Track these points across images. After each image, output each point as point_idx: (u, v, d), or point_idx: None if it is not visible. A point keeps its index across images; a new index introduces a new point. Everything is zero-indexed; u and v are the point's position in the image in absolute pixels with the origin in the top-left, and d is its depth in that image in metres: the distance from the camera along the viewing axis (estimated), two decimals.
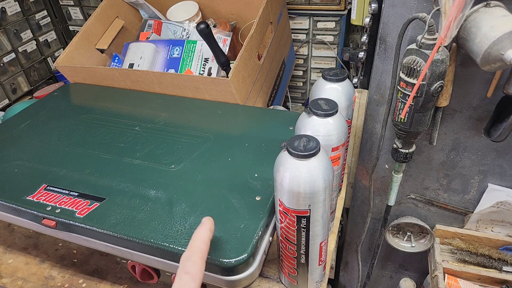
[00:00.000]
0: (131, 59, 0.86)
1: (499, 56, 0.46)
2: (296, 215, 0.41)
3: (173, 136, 0.63)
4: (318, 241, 0.44)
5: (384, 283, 1.08)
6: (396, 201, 0.79)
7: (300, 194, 0.39)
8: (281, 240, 0.46)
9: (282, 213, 0.43)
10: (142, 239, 0.46)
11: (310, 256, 0.46)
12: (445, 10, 0.46)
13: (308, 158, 0.38)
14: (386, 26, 0.65)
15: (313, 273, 0.48)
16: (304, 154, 0.37)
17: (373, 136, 0.80)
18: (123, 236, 0.47)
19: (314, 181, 0.38)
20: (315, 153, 0.38)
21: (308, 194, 0.38)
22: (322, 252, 0.46)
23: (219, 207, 0.49)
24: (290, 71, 1.06)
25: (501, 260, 0.80)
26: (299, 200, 0.40)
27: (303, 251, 0.45)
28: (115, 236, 0.47)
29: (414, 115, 0.57)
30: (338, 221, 0.70)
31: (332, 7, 0.97)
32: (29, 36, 1.13)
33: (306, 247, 0.44)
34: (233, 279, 0.44)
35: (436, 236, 0.86)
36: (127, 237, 0.46)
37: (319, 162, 0.38)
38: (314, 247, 0.45)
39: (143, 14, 1.00)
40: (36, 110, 0.75)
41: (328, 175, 0.39)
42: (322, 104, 0.46)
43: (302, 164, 0.38)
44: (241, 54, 0.68)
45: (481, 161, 0.74)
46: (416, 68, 0.52)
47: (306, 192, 0.38)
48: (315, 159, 0.38)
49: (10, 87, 1.09)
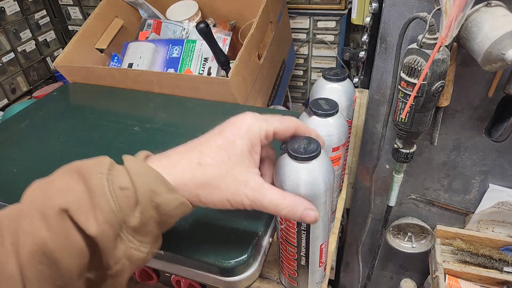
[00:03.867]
0: (131, 58, 0.86)
1: (500, 55, 0.46)
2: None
3: (173, 136, 0.63)
4: (319, 243, 0.44)
5: (384, 283, 1.07)
6: (396, 201, 0.79)
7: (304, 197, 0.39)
8: (281, 242, 0.46)
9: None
10: None
11: (310, 258, 0.45)
12: (446, 9, 0.46)
13: (309, 160, 0.37)
14: (387, 25, 0.64)
15: (313, 275, 0.48)
16: (305, 156, 0.37)
17: (374, 136, 0.80)
18: None
19: (315, 183, 0.38)
20: (315, 156, 0.37)
21: (308, 197, 0.38)
22: (322, 254, 0.46)
23: None
24: (290, 70, 1.06)
25: (502, 261, 0.80)
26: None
27: (303, 253, 0.45)
28: None
29: (415, 115, 0.57)
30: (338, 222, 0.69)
31: (332, 7, 0.97)
32: (28, 36, 1.13)
33: (307, 249, 0.44)
34: (233, 280, 0.44)
35: (437, 236, 0.86)
36: None
37: (320, 165, 0.38)
38: (315, 249, 0.44)
39: (143, 13, 1.00)
40: (35, 110, 0.74)
41: (329, 177, 0.39)
42: (323, 104, 0.46)
43: (303, 167, 0.37)
44: (241, 54, 0.68)
45: (482, 161, 0.73)
46: (417, 67, 0.52)
47: (306, 195, 0.38)
48: (315, 161, 0.38)
49: (9, 87, 1.09)
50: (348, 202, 0.97)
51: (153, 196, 0.32)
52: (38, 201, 0.31)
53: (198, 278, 0.47)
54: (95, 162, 0.33)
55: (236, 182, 0.35)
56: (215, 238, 0.45)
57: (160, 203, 0.33)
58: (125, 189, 0.32)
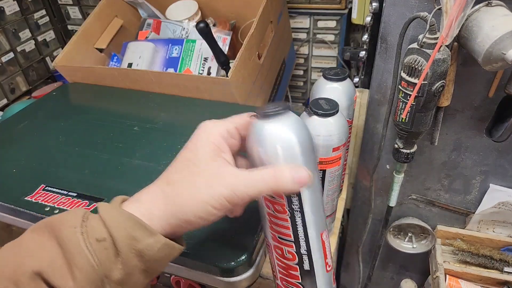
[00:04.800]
0: (130, 58, 0.85)
1: (500, 55, 0.46)
2: (286, 195, 0.35)
3: (172, 136, 0.63)
4: (318, 231, 0.38)
5: (385, 284, 1.07)
6: (397, 201, 0.79)
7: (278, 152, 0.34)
8: (274, 245, 0.39)
9: (269, 200, 0.37)
10: None
11: (314, 257, 0.38)
12: (446, 9, 0.46)
13: (277, 115, 0.34)
14: (387, 25, 0.64)
15: (322, 284, 0.40)
16: (273, 112, 0.33)
17: (374, 136, 0.80)
18: None
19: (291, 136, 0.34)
20: (285, 111, 0.34)
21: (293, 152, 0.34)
22: (326, 249, 0.40)
23: None
24: (290, 70, 1.05)
25: (503, 261, 0.80)
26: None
27: (305, 249, 0.37)
28: None
29: (415, 115, 0.57)
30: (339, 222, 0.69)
31: (332, 6, 0.97)
32: (27, 36, 1.13)
33: (306, 242, 0.38)
34: (232, 280, 0.43)
35: (437, 237, 0.86)
36: None
37: (292, 121, 0.35)
38: (315, 241, 0.38)
39: (142, 13, 1.00)
40: (35, 110, 0.74)
41: (304, 132, 0.35)
42: (323, 104, 0.46)
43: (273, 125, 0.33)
44: (241, 53, 0.68)
45: (482, 162, 0.73)
46: (417, 67, 0.52)
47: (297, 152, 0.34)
48: (286, 116, 0.34)
49: (9, 87, 1.08)
50: (348, 202, 0.97)
51: (133, 243, 0.30)
52: (8, 267, 0.29)
53: (197, 279, 0.47)
54: (67, 214, 0.31)
55: (209, 182, 0.32)
56: (215, 238, 0.44)
57: (141, 249, 0.30)
58: (102, 241, 0.29)
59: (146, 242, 0.31)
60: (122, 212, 0.31)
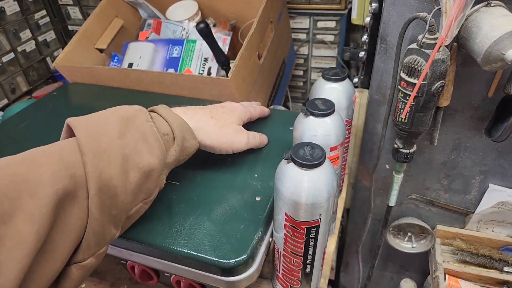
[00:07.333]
0: (131, 58, 0.86)
1: (499, 55, 0.46)
2: (306, 227, 0.40)
3: None
4: (323, 249, 0.44)
5: (384, 284, 1.07)
6: (396, 201, 0.79)
7: (315, 205, 0.38)
8: (284, 254, 0.45)
9: (289, 227, 0.41)
10: (141, 239, 0.46)
11: (315, 265, 0.45)
12: (446, 9, 0.46)
13: (316, 167, 0.37)
14: (387, 25, 0.64)
15: (314, 279, 0.48)
16: (313, 163, 0.37)
17: (374, 136, 0.80)
18: (122, 237, 0.46)
19: (323, 189, 0.37)
20: (323, 161, 0.38)
21: (323, 203, 0.38)
22: (324, 258, 0.46)
23: (218, 207, 0.49)
24: (290, 70, 1.06)
25: (502, 261, 0.80)
26: (313, 211, 0.38)
27: (309, 261, 0.44)
28: None
29: (415, 115, 0.57)
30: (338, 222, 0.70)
31: (332, 7, 0.97)
32: (28, 36, 1.13)
33: (313, 257, 0.43)
34: (232, 280, 0.43)
35: (437, 236, 0.86)
36: (126, 237, 0.46)
37: (327, 168, 0.38)
38: (319, 255, 0.44)
39: (143, 13, 1.00)
40: (35, 110, 0.74)
41: (336, 180, 0.39)
42: (319, 104, 0.46)
43: (313, 174, 0.37)
44: (241, 54, 0.68)
45: (482, 161, 0.73)
46: (417, 67, 0.52)
47: (322, 201, 0.37)
48: (324, 166, 0.38)
49: (9, 87, 1.09)
50: (348, 202, 0.97)
51: (183, 141, 0.45)
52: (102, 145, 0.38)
53: (198, 278, 0.47)
54: (138, 110, 0.43)
55: (234, 130, 0.53)
56: (215, 238, 0.45)
57: (186, 146, 0.45)
58: (166, 135, 0.43)
59: (190, 143, 0.46)
60: (179, 117, 0.46)
